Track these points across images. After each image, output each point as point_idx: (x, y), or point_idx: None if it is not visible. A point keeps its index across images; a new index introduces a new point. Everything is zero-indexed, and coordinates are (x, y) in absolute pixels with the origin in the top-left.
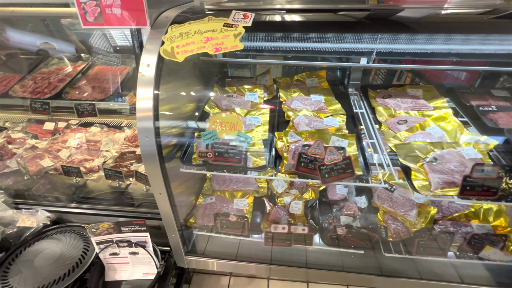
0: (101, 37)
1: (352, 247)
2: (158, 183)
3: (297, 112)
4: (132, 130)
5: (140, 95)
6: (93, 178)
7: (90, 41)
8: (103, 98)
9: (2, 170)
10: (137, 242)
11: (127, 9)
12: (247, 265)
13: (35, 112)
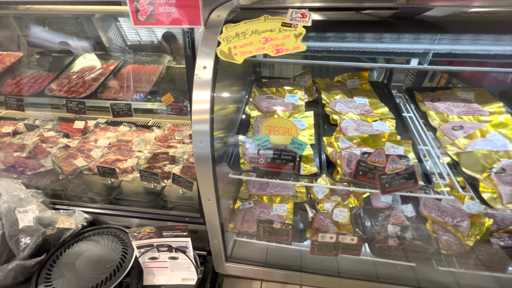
0: (117, 35)
1: (402, 258)
2: (208, 189)
3: (342, 115)
4: (162, 130)
5: (196, 98)
6: (128, 179)
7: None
8: (138, 98)
9: (38, 170)
10: (178, 247)
11: (181, 8)
12: (286, 273)
13: (71, 111)
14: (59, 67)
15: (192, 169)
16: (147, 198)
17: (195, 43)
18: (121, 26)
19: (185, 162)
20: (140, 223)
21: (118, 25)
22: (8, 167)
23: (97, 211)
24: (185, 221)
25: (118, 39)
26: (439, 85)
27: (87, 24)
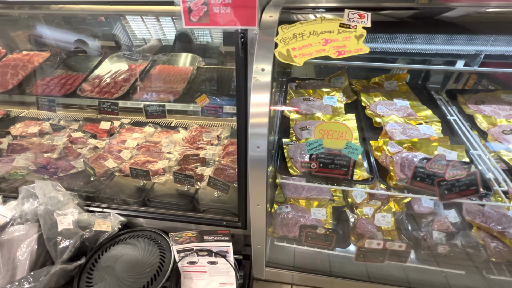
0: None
1: (450, 266)
2: (259, 195)
3: (385, 118)
4: (189, 131)
5: (254, 101)
6: (161, 181)
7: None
8: (172, 100)
9: (69, 171)
10: (218, 252)
11: (237, 8)
12: (325, 279)
13: (103, 112)
14: (87, 67)
15: (225, 171)
16: (180, 200)
17: (247, 44)
18: (151, 25)
19: (217, 164)
20: (173, 226)
21: (148, 24)
22: (39, 168)
23: (130, 213)
24: (222, 224)
25: (144, 39)
26: (467, 86)
27: (113, 24)
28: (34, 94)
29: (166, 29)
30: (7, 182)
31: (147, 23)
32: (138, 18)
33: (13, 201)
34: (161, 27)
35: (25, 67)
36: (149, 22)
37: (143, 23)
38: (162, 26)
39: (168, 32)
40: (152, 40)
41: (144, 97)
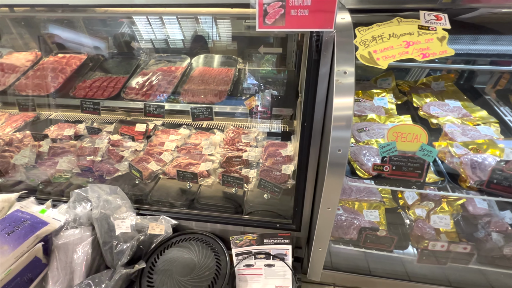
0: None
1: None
2: (333, 198)
3: (441, 119)
4: (226, 133)
5: (337, 105)
6: (207, 183)
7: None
8: (218, 101)
9: (114, 174)
10: (276, 254)
11: (315, 11)
12: (382, 281)
13: (149, 115)
14: (125, 70)
15: (271, 173)
16: (228, 203)
17: (321, 47)
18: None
19: (262, 166)
20: (223, 228)
21: (183, 26)
22: (83, 171)
23: (180, 216)
24: (275, 227)
25: (180, 40)
26: (499, 86)
27: (148, 26)
28: (78, 97)
29: (204, 31)
30: (52, 185)
31: (183, 24)
32: (174, 20)
33: (63, 204)
34: (200, 28)
35: (64, 70)
36: (185, 24)
37: (178, 25)
38: (199, 27)
39: (206, 33)
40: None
41: (190, 99)
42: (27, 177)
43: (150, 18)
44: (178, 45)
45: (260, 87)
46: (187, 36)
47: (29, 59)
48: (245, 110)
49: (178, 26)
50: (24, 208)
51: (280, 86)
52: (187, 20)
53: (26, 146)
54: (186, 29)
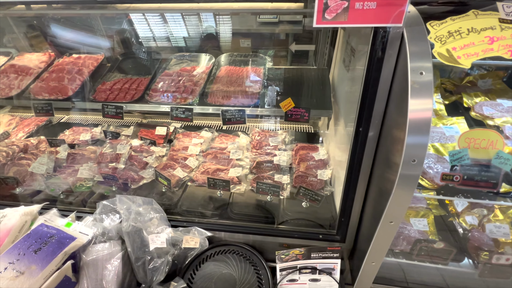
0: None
1: None
2: (397, 212)
3: (497, 120)
4: (251, 136)
5: (413, 107)
6: (239, 191)
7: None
8: (251, 104)
9: (139, 182)
10: (323, 269)
11: (384, 4)
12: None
13: (176, 119)
14: (145, 70)
15: (306, 179)
16: (262, 211)
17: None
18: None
19: (296, 171)
20: (259, 239)
21: (203, 22)
22: (107, 179)
23: (213, 227)
24: (318, 238)
25: (197, 38)
26: None
27: (166, 24)
28: (99, 101)
29: (216, 28)
30: (73, 195)
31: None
32: (195, 16)
33: (88, 216)
34: (210, 25)
35: (81, 71)
36: (195, 21)
37: (199, 22)
38: (209, 25)
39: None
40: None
41: (219, 101)
42: (46, 187)
43: (168, 16)
44: (191, 43)
45: (292, 87)
46: (202, 34)
47: (42, 61)
48: (278, 112)
49: (195, 23)
50: (48, 222)
51: (314, 86)
52: (204, 17)
53: (43, 152)
54: (198, 26)
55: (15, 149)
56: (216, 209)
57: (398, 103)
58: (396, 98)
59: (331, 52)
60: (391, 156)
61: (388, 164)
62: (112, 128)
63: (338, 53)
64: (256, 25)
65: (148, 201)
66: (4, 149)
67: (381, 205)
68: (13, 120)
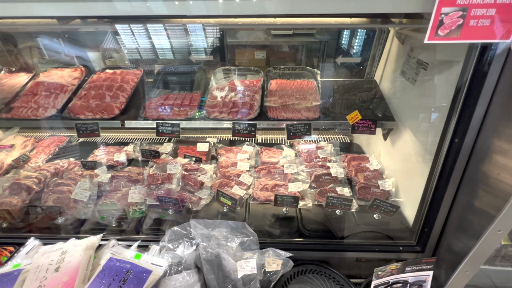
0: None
1: None
2: (508, 221)
3: None
4: (297, 148)
5: None
6: (306, 206)
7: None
8: (314, 117)
9: (199, 203)
10: (414, 282)
11: (498, 21)
12: None
13: (238, 135)
14: (191, 85)
15: (369, 190)
16: (333, 226)
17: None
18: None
19: (357, 183)
20: (340, 256)
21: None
22: (165, 202)
23: (287, 246)
24: (399, 250)
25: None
26: None
27: (210, 37)
28: (151, 119)
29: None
30: (126, 222)
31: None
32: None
33: (154, 245)
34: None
35: (122, 87)
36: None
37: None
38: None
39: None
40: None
41: (282, 116)
42: (96, 214)
43: (209, 29)
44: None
45: (347, 99)
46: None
47: (75, 77)
48: (345, 126)
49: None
50: (116, 255)
51: (368, 98)
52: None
53: (82, 177)
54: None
55: (46, 174)
56: (284, 227)
57: (490, 116)
58: (502, 111)
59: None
60: (496, 168)
61: (494, 176)
62: (146, 146)
63: (389, 65)
64: (271, 37)
65: (239, 225)
66: (33, 174)
67: (480, 215)
68: (29, 142)
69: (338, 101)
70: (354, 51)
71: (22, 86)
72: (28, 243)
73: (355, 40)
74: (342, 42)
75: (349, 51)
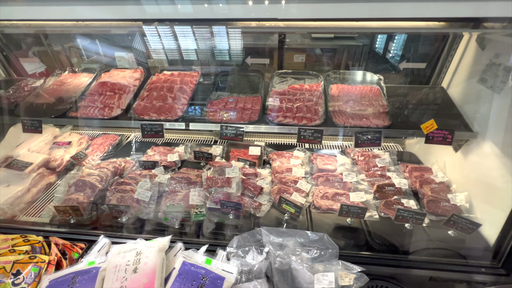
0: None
1: None
2: None
3: None
4: (352, 155)
5: None
6: (374, 218)
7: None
8: (384, 125)
9: (259, 211)
10: None
11: None
12: None
13: (303, 141)
14: (250, 88)
15: (439, 204)
16: (402, 240)
17: None
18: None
19: (425, 196)
20: (414, 274)
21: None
22: (227, 207)
23: (354, 260)
24: (481, 271)
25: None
26: None
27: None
28: (215, 121)
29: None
30: (187, 224)
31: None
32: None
33: (221, 251)
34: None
35: (182, 89)
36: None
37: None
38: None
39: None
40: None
41: (348, 122)
42: (161, 215)
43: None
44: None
45: (415, 107)
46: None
47: (136, 78)
48: (418, 134)
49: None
50: (188, 259)
51: (438, 106)
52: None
53: (143, 176)
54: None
55: (107, 172)
56: (349, 238)
57: None
58: None
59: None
60: None
61: None
62: (196, 147)
63: (462, 72)
64: (310, 40)
65: (319, 236)
66: (95, 172)
67: None
68: (83, 139)
69: (405, 109)
70: (409, 55)
71: (87, 86)
72: (99, 240)
73: (409, 44)
74: (393, 46)
75: (400, 55)
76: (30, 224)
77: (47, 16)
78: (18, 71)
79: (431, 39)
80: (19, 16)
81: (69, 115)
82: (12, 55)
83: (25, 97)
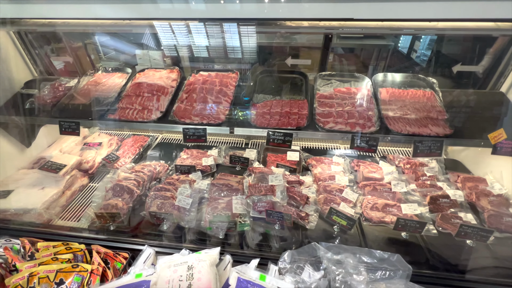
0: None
1: None
2: None
3: None
4: (397, 163)
5: None
6: (432, 233)
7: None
8: (446, 134)
9: (307, 221)
10: None
11: None
12: None
13: (357, 148)
14: (292, 91)
15: (501, 219)
16: (466, 258)
17: None
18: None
19: (486, 210)
20: None
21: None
22: (271, 217)
23: (417, 279)
24: None
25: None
26: None
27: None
28: (261, 127)
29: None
30: (231, 235)
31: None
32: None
33: (272, 265)
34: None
35: (222, 91)
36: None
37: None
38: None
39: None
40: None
41: (405, 130)
42: (203, 224)
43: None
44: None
45: (476, 114)
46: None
47: (173, 79)
48: (486, 145)
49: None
50: (241, 275)
51: (501, 113)
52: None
53: (181, 182)
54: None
55: (143, 176)
56: (407, 254)
57: None
58: None
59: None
60: None
61: None
62: (230, 151)
63: None
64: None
65: (388, 256)
66: (131, 176)
67: None
68: (113, 140)
69: (464, 115)
70: (463, 57)
71: (123, 86)
72: (144, 250)
73: (463, 46)
74: (442, 48)
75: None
76: (68, 230)
77: (75, 15)
78: (49, 70)
79: (490, 41)
80: (49, 15)
81: (107, 117)
82: (44, 53)
83: (60, 98)
